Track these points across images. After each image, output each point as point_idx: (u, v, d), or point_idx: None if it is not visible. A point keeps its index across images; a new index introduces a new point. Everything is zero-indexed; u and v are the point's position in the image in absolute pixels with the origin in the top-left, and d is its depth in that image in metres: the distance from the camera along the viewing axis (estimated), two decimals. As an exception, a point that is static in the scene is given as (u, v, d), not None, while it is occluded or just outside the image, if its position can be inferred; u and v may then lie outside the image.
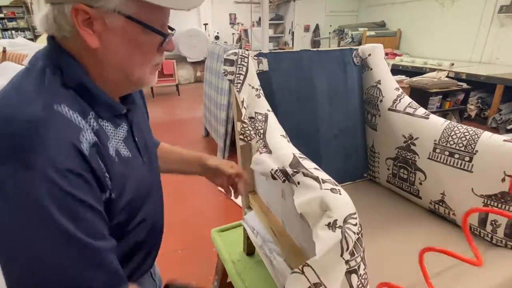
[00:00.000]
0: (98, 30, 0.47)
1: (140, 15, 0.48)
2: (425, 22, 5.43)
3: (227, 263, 1.10)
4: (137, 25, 0.48)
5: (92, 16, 0.46)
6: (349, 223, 0.49)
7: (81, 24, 0.46)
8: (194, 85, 7.01)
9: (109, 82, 0.53)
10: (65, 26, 0.47)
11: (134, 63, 0.52)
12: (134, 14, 0.48)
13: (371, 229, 0.89)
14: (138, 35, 0.49)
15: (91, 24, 0.47)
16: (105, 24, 0.47)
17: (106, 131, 0.52)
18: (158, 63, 0.56)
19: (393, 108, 1.08)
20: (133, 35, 0.49)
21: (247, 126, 0.80)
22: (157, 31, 0.50)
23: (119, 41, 0.49)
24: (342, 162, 1.16)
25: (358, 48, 1.14)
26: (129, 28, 0.48)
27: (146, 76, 0.55)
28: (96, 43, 0.47)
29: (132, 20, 0.48)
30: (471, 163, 0.85)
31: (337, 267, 0.48)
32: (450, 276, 0.73)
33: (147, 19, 0.49)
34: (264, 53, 0.98)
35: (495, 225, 0.82)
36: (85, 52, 0.49)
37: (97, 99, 0.51)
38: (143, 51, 0.52)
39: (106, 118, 0.53)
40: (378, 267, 0.75)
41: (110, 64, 0.51)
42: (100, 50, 0.48)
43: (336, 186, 0.53)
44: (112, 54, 0.50)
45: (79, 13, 0.45)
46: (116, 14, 0.46)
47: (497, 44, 4.39)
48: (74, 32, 0.47)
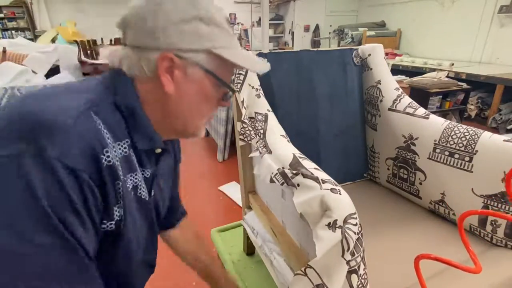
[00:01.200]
0: (176, 79, 0.49)
1: (217, 71, 0.51)
2: (425, 22, 5.43)
3: (227, 263, 1.10)
4: (213, 78, 0.51)
5: (176, 65, 0.48)
6: (349, 223, 0.49)
7: (164, 70, 0.48)
8: (194, 85, 6.99)
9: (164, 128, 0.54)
10: (145, 69, 0.48)
11: (199, 114, 0.54)
12: (213, 69, 0.51)
13: (371, 229, 0.89)
14: (211, 89, 0.52)
15: (171, 72, 0.48)
16: (186, 74, 0.49)
17: (133, 163, 0.51)
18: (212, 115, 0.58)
19: (393, 108, 1.08)
20: (207, 88, 0.52)
21: (247, 126, 0.80)
22: (228, 87, 0.54)
23: (193, 92, 0.51)
24: (342, 162, 1.16)
25: (358, 48, 1.14)
26: (206, 82, 0.51)
27: (201, 128, 0.57)
28: (172, 89, 0.49)
29: (210, 74, 0.50)
30: (471, 163, 0.85)
31: (338, 267, 0.48)
32: (450, 276, 0.73)
33: (221, 75, 0.52)
34: (264, 53, 0.98)
35: (495, 225, 0.82)
36: (152, 94, 0.50)
37: (141, 126, 0.50)
38: (209, 103, 0.54)
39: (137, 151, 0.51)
40: (378, 267, 0.75)
41: (177, 111, 0.52)
42: (173, 97, 0.50)
43: (336, 186, 0.53)
44: (184, 102, 0.51)
45: (165, 60, 0.47)
46: (198, 66, 0.49)
47: (497, 44, 4.39)
48: (150, 75, 0.48)
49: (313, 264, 0.49)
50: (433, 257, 0.45)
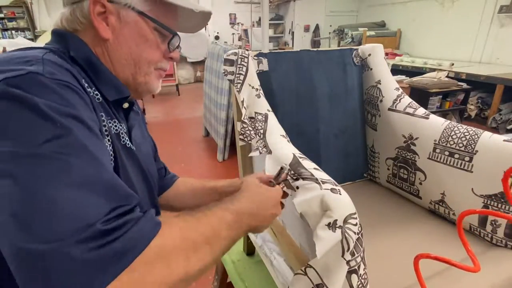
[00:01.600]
0: (111, 23, 0.50)
1: (152, 13, 0.52)
2: (425, 22, 5.43)
3: (227, 263, 1.10)
4: (149, 21, 0.52)
5: (107, 10, 0.49)
6: (349, 223, 0.49)
7: (97, 16, 0.49)
8: (194, 85, 7.00)
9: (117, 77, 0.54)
10: (80, 18, 0.50)
11: (141, 59, 0.54)
12: (147, 11, 0.52)
13: (371, 229, 0.89)
14: (148, 31, 0.53)
15: (105, 18, 0.50)
16: (119, 17, 0.50)
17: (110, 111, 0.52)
18: (163, 68, 0.58)
19: (393, 108, 1.08)
20: (143, 30, 0.52)
21: (247, 126, 0.80)
22: (166, 28, 0.54)
23: (130, 35, 0.52)
24: (342, 162, 1.16)
25: (358, 48, 1.14)
26: (141, 24, 0.52)
27: (151, 78, 0.57)
28: (109, 34, 0.50)
29: (144, 16, 0.51)
30: (471, 163, 0.85)
31: (338, 267, 0.48)
32: (450, 276, 0.73)
33: (158, 18, 0.53)
34: (264, 53, 0.98)
35: (495, 225, 0.82)
36: (96, 43, 0.51)
37: (104, 76, 0.51)
38: (151, 47, 0.54)
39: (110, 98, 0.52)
40: (378, 267, 0.75)
41: (119, 56, 0.53)
42: (111, 42, 0.51)
43: (336, 186, 0.53)
44: (122, 46, 0.52)
45: (96, 6, 0.49)
46: (130, 9, 0.50)
47: (497, 44, 4.39)
48: (87, 24, 0.50)
49: (313, 264, 0.49)
50: (433, 256, 0.45)
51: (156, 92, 0.60)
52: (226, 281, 1.23)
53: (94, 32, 0.50)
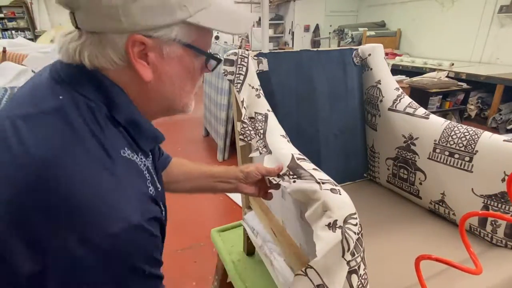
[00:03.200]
0: (152, 62, 0.42)
1: (198, 42, 0.45)
2: (425, 22, 5.43)
3: (227, 263, 1.10)
4: (194, 52, 0.45)
5: (148, 48, 0.41)
6: (349, 223, 0.49)
7: (137, 56, 0.41)
8: (194, 85, 6.99)
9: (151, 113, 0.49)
10: (114, 58, 0.41)
11: (185, 91, 0.48)
12: (194, 42, 0.44)
13: (371, 229, 0.89)
14: (192, 62, 0.46)
15: (145, 55, 0.42)
16: (162, 54, 0.43)
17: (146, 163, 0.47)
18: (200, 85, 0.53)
19: (393, 108, 1.08)
20: (189, 63, 0.46)
21: (247, 126, 0.80)
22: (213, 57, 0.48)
23: (174, 71, 0.45)
24: (342, 162, 1.16)
25: (358, 48, 1.14)
26: (186, 57, 0.45)
27: (191, 102, 0.51)
28: (150, 75, 0.43)
29: (190, 48, 0.44)
30: (471, 163, 0.85)
31: (339, 268, 0.48)
32: (449, 277, 0.73)
33: (203, 46, 0.46)
34: (264, 53, 0.98)
35: (495, 225, 0.82)
36: (134, 84, 0.44)
37: (145, 133, 0.46)
38: (193, 77, 0.48)
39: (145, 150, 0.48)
40: (378, 267, 0.75)
41: (159, 95, 0.46)
42: (152, 83, 0.44)
43: (336, 186, 0.53)
44: (164, 84, 0.45)
45: (135, 45, 0.40)
46: (175, 43, 0.43)
47: (497, 44, 4.39)
48: (122, 63, 0.42)
49: (314, 264, 0.49)
50: (434, 257, 0.45)
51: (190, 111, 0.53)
52: (226, 281, 1.23)
53: (130, 73, 0.42)
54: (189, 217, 2.16)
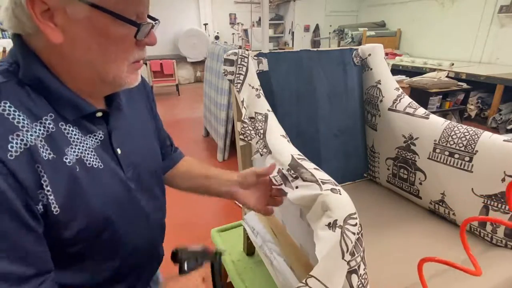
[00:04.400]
0: (60, 23, 0.41)
1: (106, 3, 0.42)
2: (425, 22, 5.43)
3: (227, 263, 1.10)
4: (105, 14, 0.42)
5: (51, 7, 0.40)
6: (349, 223, 0.49)
7: (40, 16, 0.40)
8: (194, 85, 7.00)
9: (80, 81, 0.47)
10: (25, 20, 0.41)
11: (107, 59, 0.46)
12: (99, 1, 0.41)
13: (371, 229, 0.89)
14: (107, 26, 0.43)
15: (52, 17, 0.41)
16: (67, 15, 0.41)
17: (67, 136, 0.46)
18: (137, 59, 0.49)
19: (393, 108, 1.08)
20: (101, 26, 0.43)
21: (247, 126, 0.80)
22: (126, 20, 0.44)
23: (86, 34, 0.42)
24: (342, 162, 1.16)
25: (358, 48, 1.14)
26: (96, 18, 0.42)
27: (124, 75, 0.48)
28: (59, 37, 0.41)
29: (97, 8, 0.41)
30: (471, 163, 0.85)
31: (339, 270, 0.48)
32: (449, 277, 0.73)
33: (115, 7, 0.42)
34: (264, 53, 0.98)
35: (495, 225, 0.82)
36: (50, 49, 0.43)
37: (58, 96, 0.45)
38: (116, 44, 0.45)
39: (71, 122, 0.47)
40: (378, 267, 0.75)
41: (78, 61, 0.45)
42: (64, 45, 0.42)
43: (336, 186, 0.53)
44: (79, 49, 0.43)
45: (35, 4, 0.39)
46: (77, 2, 0.40)
47: (497, 44, 4.39)
48: (33, 26, 0.41)
49: (315, 273, 0.49)
50: (437, 259, 0.45)
51: (133, 85, 0.50)
52: (226, 281, 1.23)
53: (45, 38, 0.41)
54: (189, 217, 2.16)
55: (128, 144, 0.56)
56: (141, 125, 0.62)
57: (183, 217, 2.16)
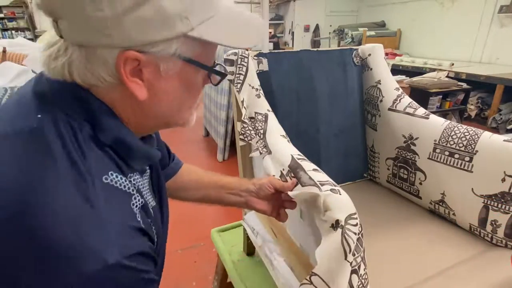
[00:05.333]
0: (147, 79, 0.37)
1: (201, 56, 0.39)
2: (425, 22, 5.43)
3: (227, 263, 1.10)
4: (195, 67, 0.39)
5: (142, 64, 0.36)
6: (349, 224, 0.49)
7: (129, 74, 0.36)
8: (194, 85, 7.00)
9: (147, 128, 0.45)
10: (104, 76, 0.36)
11: (183, 108, 0.43)
12: (195, 55, 0.39)
13: (371, 229, 0.89)
14: (193, 77, 0.41)
15: (139, 72, 0.37)
16: (159, 71, 0.37)
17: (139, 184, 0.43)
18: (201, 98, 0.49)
19: (393, 108, 1.08)
20: (189, 78, 0.40)
21: (247, 126, 0.80)
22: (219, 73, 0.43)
23: (173, 88, 0.40)
24: (342, 162, 1.16)
25: (358, 48, 1.14)
26: (187, 72, 0.39)
27: (192, 117, 0.46)
28: (144, 94, 0.37)
29: (192, 63, 0.39)
30: (471, 163, 0.85)
31: (342, 270, 0.48)
32: (450, 276, 0.73)
33: (206, 59, 0.40)
34: (264, 53, 0.98)
35: (495, 225, 0.82)
36: (124, 103, 0.39)
37: (136, 153, 0.41)
38: (195, 93, 0.44)
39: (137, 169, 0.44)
40: (378, 267, 0.75)
41: (155, 113, 0.41)
42: (147, 101, 0.38)
43: (336, 186, 0.53)
44: (161, 102, 0.40)
45: (127, 62, 0.35)
46: (174, 58, 0.37)
47: (497, 44, 4.39)
48: (113, 81, 0.37)
49: (318, 271, 0.49)
50: None
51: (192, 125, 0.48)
52: (226, 281, 1.23)
53: (122, 91, 0.37)
54: (189, 217, 2.16)
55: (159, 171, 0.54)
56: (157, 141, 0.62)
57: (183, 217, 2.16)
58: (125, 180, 0.38)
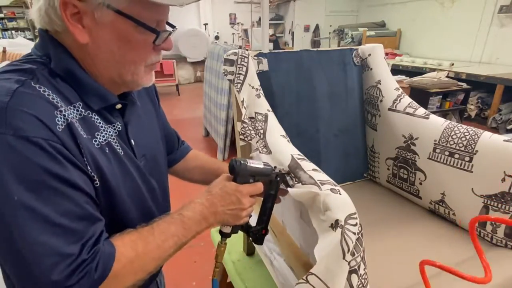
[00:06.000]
0: (88, 25, 0.46)
1: (131, 10, 0.46)
2: (425, 22, 5.43)
3: (227, 263, 1.10)
4: (128, 20, 0.46)
5: (81, 11, 0.45)
6: (349, 223, 0.49)
7: (70, 18, 0.45)
8: (194, 85, 7.01)
9: (103, 78, 0.52)
10: (56, 20, 0.46)
11: (126, 61, 0.51)
12: (125, 8, 0.46)
13: (371, 229, 0.89)
14: (129, 31, 0.48)
15: (80, 19, 0.46)
16: (95, 18, 0.46)
17: (95, 122, 0.50)
18: (153, 62, 0.54)
19: (393, 108, 1.08)
20: (123, 31, 0.47)
21: (247, 126, 0.80)
22: (147, 27, 0.48)
23: (109, 37, 0.47)
24: (342, 162, 1.16)
25: (358, 48, 1.14)
26: (120, 24, 0.47)
27: (140, 76, 0.53)
28: (86, 38, 0.46)
29: (122, 15, 0.46)
30: (471, 163, 0.85)
31: (341, 270, 0.48)
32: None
33: (139, 15, 0.47)
34: (264, 53, 0.98)
35: (495, 225, 0.82)
36: (76, 47, 0.48)
37: (86, 87, 0.50)
38: (135, 48, 0.50)
39: (96, 111, 0.51)
40: (378, 267, 0.75)
41: (101, 60, 0.50)
42: (90, 45, 0.48)
43: (336, 186, 0.53)
44: (102, 50, 0.48)
45: (68, 7, 0.44)
46: (105, 8, 0.45)
47: (497, 44, 4.39)
48: (65, 26, 0.46)
49: (315, 271, 0.49)
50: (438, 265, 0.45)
51: (149, 85, 0.57)
52: (226, 281, 1.23)
53: (72, 36, 0.46)
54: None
55: (139, 136, 0.60)
56: (148, 119, 0.67)
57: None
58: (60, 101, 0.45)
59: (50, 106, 0.43)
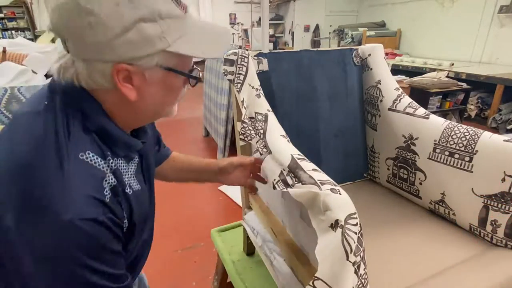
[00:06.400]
0: (136, 85, 0.48)
1: (178, 65, 0.50)
2: (425, 22, 5.43)
3: (227, 263, 1.10)
4: (174, 73, 0.50)
5: (131, 72, 0.46)
6: (349, 223, 0.49)
7: (121, 80, 0.46)
8: (194, 85, 6.99)
9: (133, 124, 0.55)
10: (101, 81, 0.46)
11: (165, 103, 0.54)
12: (175, 65, 0.49)
13: (371, 229, 0.89)
14: (174, 81, 0.51)
15: (130, 79, 0.47)
16: (145, 78, 0.48)
17: (120, 168, 0.52)
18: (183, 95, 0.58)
19: (393, 108, 1.08)
20: (170, 82, 0.51)
21: (247, 126, 0.80)
22: (194, 78, 0.53)
23: (155, 90, 0.50)
24: (342, 162, 1.16)
25: (358, 48, 1.14)
26: (168, 78, 0.50)
27: (174, 109, 0.57)
28: (135, 96, 0.48)
29: (171, 71, 0.49)
30: (471, 163, 0.85)
31: (346, 272, 0.48)
32: (450, 276, 0.73)
33: (183, 67, 0.51)
34: (264, 53, 0.98)
35: (495, 225, 0.82)
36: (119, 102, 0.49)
37: (116, 140, 0.51)
38: (176, 92, 0.54)
39: (121, 155, 0.53)
40: (378, 267, 0.75)
41: (143, 111, 0.52)
42: (137, 101, 0.49)
43: (336, 186, 0.53)
44: (147, 102, 0.51)
45: (120, 72, 0.45)
46: (156, 68, 0.47)
47: (497, 44, 4.39)
48: (110, 86, 0.47)
49: (321, 276, 0.48)
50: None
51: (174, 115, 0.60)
52: (226, 281, 1.23)
53: (116, 94, 0.47)
54: (189, 217, 2.16)
55: (147, 161, 0.63)
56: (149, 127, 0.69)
57: (183, 217, 2.16)
58: (101, 160, 0.47)
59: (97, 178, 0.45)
